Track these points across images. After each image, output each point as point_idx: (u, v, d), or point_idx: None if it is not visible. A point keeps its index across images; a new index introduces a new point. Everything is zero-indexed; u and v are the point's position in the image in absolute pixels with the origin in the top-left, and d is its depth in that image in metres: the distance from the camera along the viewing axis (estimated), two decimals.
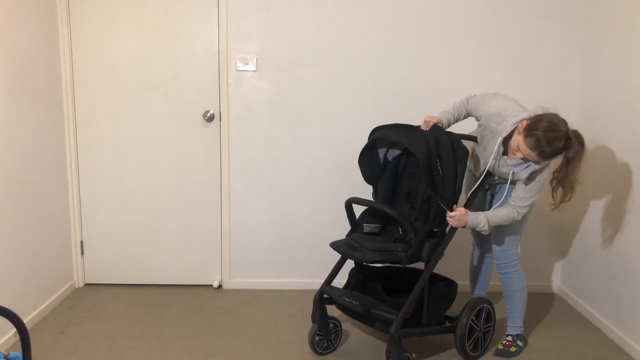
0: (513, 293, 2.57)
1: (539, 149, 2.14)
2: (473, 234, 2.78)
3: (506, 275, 2.55)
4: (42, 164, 2.88)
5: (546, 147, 2.13)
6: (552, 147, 2.14)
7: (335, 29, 3.11)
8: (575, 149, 2.16)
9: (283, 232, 3.33)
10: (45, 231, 2.92)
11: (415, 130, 2.38)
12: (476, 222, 2.34)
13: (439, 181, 2.28)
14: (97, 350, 2.57)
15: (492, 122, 2.34)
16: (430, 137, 2.30)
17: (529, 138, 2.15)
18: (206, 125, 3.19)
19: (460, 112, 2.54)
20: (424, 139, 2.28)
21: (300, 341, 2.69)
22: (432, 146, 2.26)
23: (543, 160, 2.21)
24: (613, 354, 2.64)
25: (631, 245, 2.63)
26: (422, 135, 2.31)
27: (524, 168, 2.28)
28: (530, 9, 3.09)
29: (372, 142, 2.48)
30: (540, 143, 2.13)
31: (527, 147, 2.16)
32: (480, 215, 2.34)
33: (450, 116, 2.51)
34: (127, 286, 3.34)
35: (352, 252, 2.35)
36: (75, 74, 3.13)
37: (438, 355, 2.58)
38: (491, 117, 2.35)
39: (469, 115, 2.55)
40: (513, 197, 2.36)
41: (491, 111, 2.36)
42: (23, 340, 1.46)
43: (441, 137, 2.33)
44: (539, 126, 2.14)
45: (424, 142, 2.27)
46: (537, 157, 2.18)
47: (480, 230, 2.37)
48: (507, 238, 2.52)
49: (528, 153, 2.18)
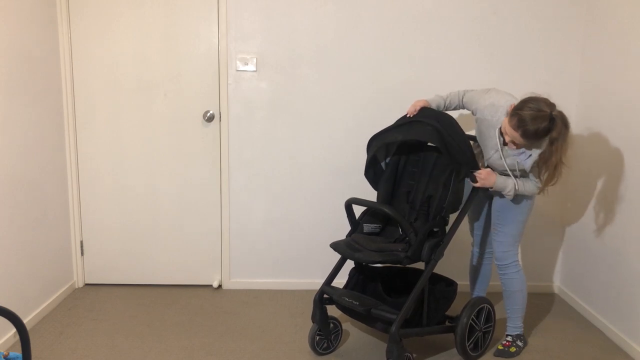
0: (513, 294, 2.57)
1: (521, 128, 2.15)
2: (473, 235, 2.78)
3: (507, 276, 2.55)
4: (42, 164, 2.88)
5: (529, 126, 2.14)
6: (535, 126, 2.13)
7: (335, 29, 3.11)
8: (558, 130, 2.16)
9: (283, 232, 3.32)
10: (45, 231, 2.92)
11: (413, 121, 2.43)
12: (504, 184, 2.35)
13: (460, 155, 2.31)
14: (97, 350, 2.57)
15: (487, 114, 2.39)
16: (430, 118, 2.37)
17: (512, 117, 2.18)
18: (206, 125, 3.19)
19: (453, 101, 2.59)
20: (428, 125, 2.34)
21: (300, 341, 2.69)
22: (437, 125, 2.32)
23: (527, 140, 2.19)
24: (613, 354, 2.64)
25: (631, 245, 2.63)
26: (422, 123, 2.37)
27: (526, 158, 2.29)
28: (530, 9, 3.09)
29: (373, 157, 2.53)
30: (524, 122, 2.14)
31: (510, 127, 2.19)
32: (509, 179, 2.36)
33: (441, 101, 2.57)
34: (127, 286, 3.34)
35: (352, 252, 2.35)
36: (75, 74, 3.13)
37: (438, 355, 2.58)
38: (485, 109, 2.40)
39: (460, 107, 2.60)
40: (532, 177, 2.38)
41: (485, 103, 2.41)
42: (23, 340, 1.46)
43: (438, 114, 2.41)
44: (523, 106, 2.18)
45: (429, 128, 2.32)
46: (521, 138, 2.18)
47: (505, 194, 2.38)
48: (509, 239, 2.52)
49: (512, 133, 2.20)
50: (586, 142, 3.06)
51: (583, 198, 3.08)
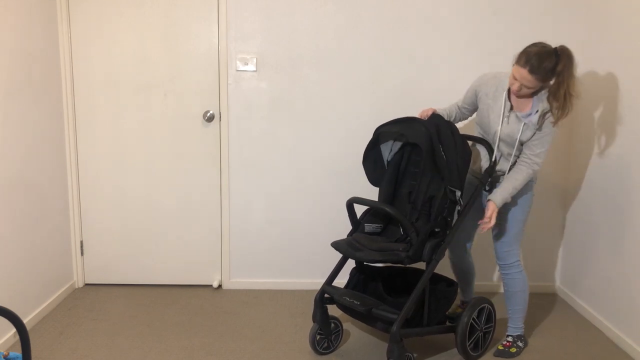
0: (515, 294, 2.56)
1: (529, 63, 2.22)
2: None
3: (509, 276, 2.55)
4: (42, 163, 2.87)
5: (535, 61, 2.21)
6: (541, 59, 2.22)
7: (335, 29, 3.11)
8: (564, 63, 2.23)
9: (283, 232, 3.32)
10: (45, 231, 2.91)
11: (415, 120, 2.44)
12: (505, 196, 2.40)
13: (443, 165, 2.31)
14: (97, 350, 2.56)
15: (491, 85, 2.45)
16: (430, 124, 2.37)
17: (520, 57, 2.26)
18: (206, 125, 3.19)
19: (451, 112, 2.64)
20: (424, 127, 2.35)
21: (300, 341, 2.69)
22: (432, 132, 2.33)
23: (535, 76, 2.23)
24: (613, 354, 2.64)
25: (631, 245, 2.63)
26: (422, 124, 2.38)
27: (534, 113, 2.34)
28: (530, 9, 3.09)
29: (376, 137, 2.53)
30: (530, 57, 2.22)
31: (519, 67, 2.25)
32: (505, 193, 2.39)
33: (444, 112, 2.61)
34: (127, 286, 3.34)
35: (353, 251, 2.35)
36: (75, 74, 3.12)
37: (439, 355, 2.58)
38: (489, 82, 2.47)
39: (462, 115, 2.65)
40: (528, 155, 2.40)
41: (486, 79, 2.49)
42: (23, 340, 1.46)
43: (441, 123, 2.40)
44: (529, 46, 2.28)
45: (424, 130, 2.34)
46: (529, 75, 2.23)
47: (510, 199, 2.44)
48: (510, 239, 2.52)
49: (521, 72, 2.25)
50: (586, 141, 3.06)
51: (583, 198, 3.08)
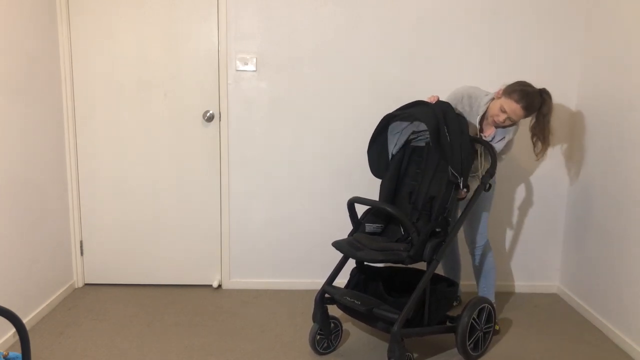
0: (490, 271, 2.77)
1: (524, 101, 2.44)
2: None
3: (484, 254, 2.75)
4: (41, 163, 2.87)
5: (529, 100, 2.45)
6: (534, 101, 2.46)
7: (335, 29, 3.11)
8: (548, 105, 2.51)
9: (283, 232, 3.32)
10: (44, 231, 2.91)
11: (424, 103, 2.52)
12: None
13: (447, 148, 2.35)
14: (97, 350, 2.56)
15: (465, 105, 2.61)
16: (438, 107, 2.45)
17: (513, 94, 2.46)
18: (206, 125, 3.19)
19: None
20: (431, 110, 2.41)
21: (300, 341, 2.68)
22: (439, 115, 2.40)
23: (527, 112, 2.48)
24: (613, 354, 2.64)
25: (631, 245, 2.63)
26: (429, 106, 2.45)
27: (498, 140, 2.60)
28: (530, 9, 3.09)
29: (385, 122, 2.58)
30: (525, 96, 2.45)
31: (512, 101, 2.46)
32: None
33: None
34: (127, 286, 3.34)
35: (354, 251, 2.35)
36: (75, 74, 3.12)
37: (439, 355, 2.58)
38: (463, 100, 2.62)
39: None
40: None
41: (460, 96, 2.63)
42: (23, 340, 1.46)
43: (447, 108, 2.48)
44: (516, 86, 2.49)
45: (431, 112, 2.39)
46: (522, 110, 2.46)
47: None
48: (482, 220, 2.74)
49: (513, 107, 2.46)
50: (586, 141, 3.06)
51: (583, 198, 3.09)
